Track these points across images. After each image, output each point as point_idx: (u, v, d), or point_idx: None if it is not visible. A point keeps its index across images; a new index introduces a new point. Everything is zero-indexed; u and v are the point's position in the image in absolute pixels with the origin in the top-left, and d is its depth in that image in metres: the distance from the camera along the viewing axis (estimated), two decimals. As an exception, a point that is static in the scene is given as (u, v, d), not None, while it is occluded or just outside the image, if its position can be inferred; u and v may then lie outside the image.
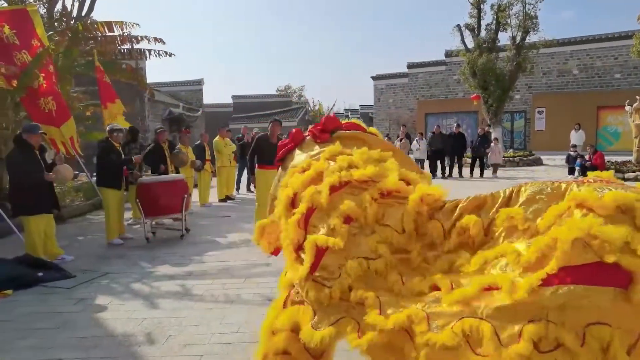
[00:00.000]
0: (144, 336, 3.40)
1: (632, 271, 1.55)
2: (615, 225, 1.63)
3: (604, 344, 1.54)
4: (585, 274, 1.59)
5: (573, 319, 1.57)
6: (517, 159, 18.26)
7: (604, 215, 1.67)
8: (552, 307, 1.59)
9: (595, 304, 1.56)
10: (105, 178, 6.62)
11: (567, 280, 1.60)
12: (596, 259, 1.60)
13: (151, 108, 20.93)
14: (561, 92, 25.79)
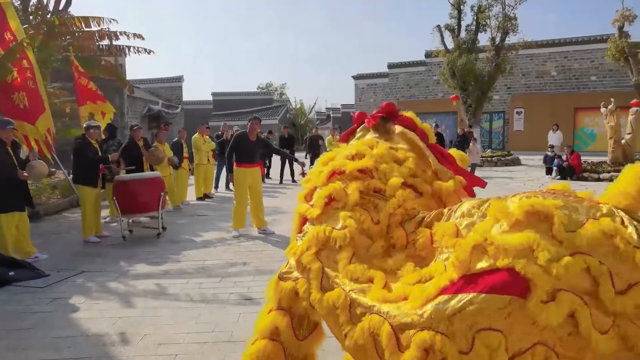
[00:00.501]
0: (118, 335, 3.38)
1: (529, 279, 1.54)
2: (521, 233, 1.62)
3: (492, 350, 1.54)
4: (483, 282, 1.59)
5: (464, 326, 1.57)
6: (495, 159, 18.54)
7: (512, 223, 1.67)
8: (441, 317, 1.60)
9: (488, 311, 1.55)
10: (82, 175, 6.51)
11: (466, 288, 1.60)
12: (494, 265, 1.59)
13: (130, 105, 20.63)
14: (539, 93, 26.31)
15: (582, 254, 1.58)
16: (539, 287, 1.53)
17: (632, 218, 1.63)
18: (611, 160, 13.80)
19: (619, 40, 15.43)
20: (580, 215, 1.66)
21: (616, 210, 1.66)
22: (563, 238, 1.61)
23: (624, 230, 1.59)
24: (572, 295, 1.55)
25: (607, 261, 1.57)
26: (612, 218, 1.63)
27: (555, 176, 13.41)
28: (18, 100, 7.57)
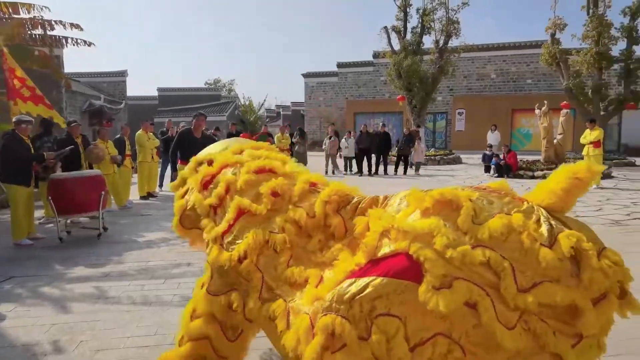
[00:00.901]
0: (50, 344, 3.17)
1: (422, 262, 1.54)
2: (426, 219, 1.64)
3: (390, 336, 1.53)
4: (383, 266, 1.60)
5: (364, 310, 1.56)
6: (438, 157, 19.28)
7: (423, 211, 1.68)
8: (341, 300, 1.59)
9: (385, 295, 1.54)
10: (12, 174, 6.06)
11: (367, 272, 1.61)
12: (395, 250, 1.61)
13: (70, 99, 19.50)
14: (480, 95, 27.57)
15: (484, 247, 1.57)
16: (430, 272, 1.52)
17: (552, 216, 1.63)
18: (544, 159, 14.70)
19: (551, 47, 16.44)
20: (494, 209, 1.65)
21: (537, 208, 1.66)
22: (468, 229, 1.60)
23: (534, 227, 1.58)
24: (471, 285, 1.52)
25: (512, 256, 1.56)
26: (527, 215, 1.62)
27: (493, 174, 14.10)
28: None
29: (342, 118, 29.69)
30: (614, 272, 1.54)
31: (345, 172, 15.63)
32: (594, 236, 1.61)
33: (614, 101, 14.98)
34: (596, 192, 10.63)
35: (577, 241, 1.53)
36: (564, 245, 1.53)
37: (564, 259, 1.52)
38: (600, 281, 1.52)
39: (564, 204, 1.68)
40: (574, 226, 1.62)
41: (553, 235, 1.56)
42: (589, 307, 1.53)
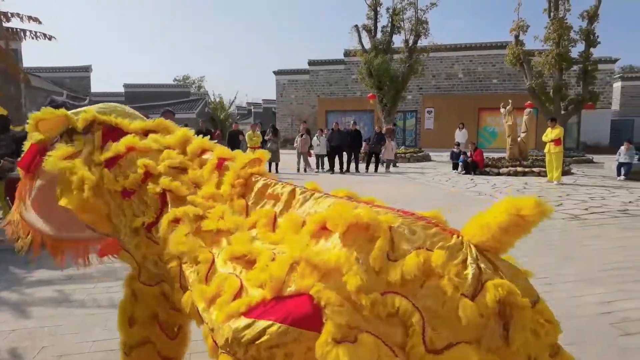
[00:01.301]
0: (9, 351, 3.04)
1: (322, 307, 1.26)
2: (339, 250, 1.35)
3: None
4: (283, 308, 1.33)
5: (262, 357, 1.32)
6: (408, 155, 19.58)
7: (340, 236, 1.38)
8: (238, 343, 1.34)
9: (284, 345, 1.29)
10: (-34, 173, 5.78)
11: (268, 313, 1.34)
12: (299, 290, 1.33)
13: (29, 95, 18.76)
14: (448, 94, 28.13)
15: (395, 293, 1.28)
16: (331, 321, 1.24)
17: (483, 258, 1.34)
18: (509, 156, 15.15)
19: (515, 48, 16.90)
20: (414, 241, 1.35)
21: (467, 245, 1.35)
22: (380, 267, 1.31)
23: (456, 270, 1.28)
24: (379, 342, 1.25)
25: (427, 307, 1.28)
26: (452, 253, 1.32)
27: (461, 171, 14.42)
28: None
29: (313, 116, 29.70)
30: (547, 332, 1.31)
31: (317, 169, 15.66)
32: (528, 286, 1.37)
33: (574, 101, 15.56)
34: (557, 188, 11.04)
35: (508, 294, 1.25)
36: (489, 298, 1.24)
37: (488, 315, 1.24)
38: (531, 345, 1.28)
39: (499, 245, 1.36)
40: (507, 272, 1.34)
41: (479, 282, 1.27)
42: None
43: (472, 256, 1.32)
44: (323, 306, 1.26)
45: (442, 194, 10.10)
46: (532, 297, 1.34)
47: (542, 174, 13.13)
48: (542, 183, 11.98)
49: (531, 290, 1.37)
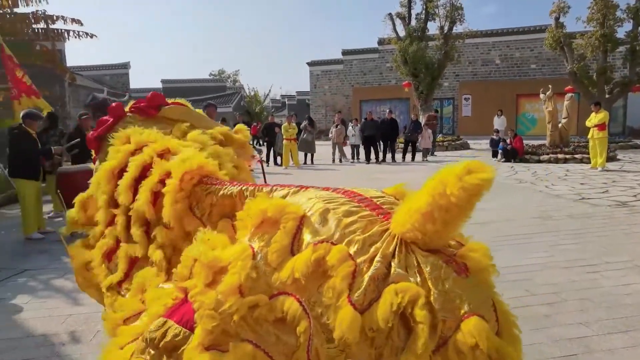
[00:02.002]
0: (68, 334, 3.23)
1: (195, 310, 1.15)
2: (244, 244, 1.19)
3: None
4: (182, 311, 1.27)
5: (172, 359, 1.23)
6: (445, 143, 19.19)
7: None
8: (153, 344, 1.25)
9: (181, 349, 1.20)
10: (20, 168, 6.12)
11: (174, 314, 1.29)
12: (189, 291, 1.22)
13: (72, 93, 19.56)
14: (485, 80, 27.35)
15: (287, 294, 1.09)
16: (200, 326, 1.12)
17: (408, 252, 1.08)
18: (549, 143, 14.61)
19: (556, 31, 16.24)
20: (321, 233, 1.12)
21: (389, 236, 1.10)
22: (279, 263, 1.12)
23: (349, 270, 1.04)
24: (259, 352, 1.08)
25: (317, 313, 1.07)
26: (364, 247, 1.08)
27: (501, 159, 14.04)
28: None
29: (347, 106, 29.57)
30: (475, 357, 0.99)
31: (353, 160, 15.62)
32: (470, 296, 1.04)
33: (619, 84, 14.81)
34: (601, 174, 10.58)
35: (409, 302, 1.00)
36: (381, 307, 1.00)
37: (381, 328, 1.00)
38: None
39: (425, 236, 1.06)
40: (440, 275, 1.04)
41: (376, 288, 1.03)
42: None
43: (385, 252, 1.07)
44: (196, 309, 1.12)
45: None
46: (461, 308, 1.03)
47: (584, 160, 12.62)
48: (585, 170, 11.51)
49: (472, 302, 1.04)
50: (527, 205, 7.23)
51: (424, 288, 1.03)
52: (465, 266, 1.10)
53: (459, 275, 1.06)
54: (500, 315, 1.10)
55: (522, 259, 4.52)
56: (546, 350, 2.76)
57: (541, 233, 5.48)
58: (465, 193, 0.96)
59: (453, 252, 1.14)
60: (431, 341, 1.00)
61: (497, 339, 1.03)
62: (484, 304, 1.06)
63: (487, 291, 1.10)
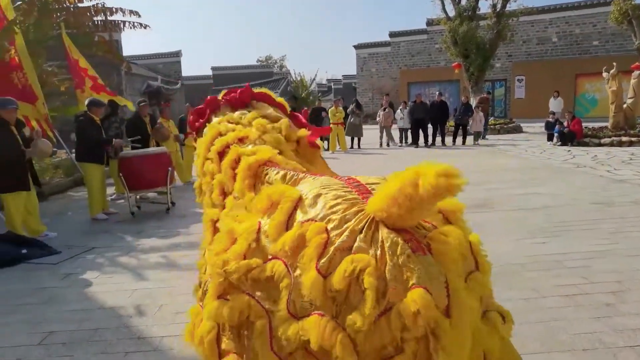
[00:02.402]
0: (134, 307, 3.46)
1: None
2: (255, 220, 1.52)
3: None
4: None
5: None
6: (497, 126, 18.50)
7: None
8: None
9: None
10: (86, 153, 6.52)
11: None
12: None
13: (128, 82, 20.42)
14: (540, 60, 25.99)
15: (276, 259, 1.37)
16: (212, 281, 1.48)
17: (377, 230, 1.24)
18: (612, 125, 13.73)
19: (623, 3, 15.12)
20: (309, 213, 1.36)
21: (362, 216, 1.28)
22: (276, 236, 1.39)
23: (320, 242, 1.26)
24: (252, 302, 1.40)
25: (296, 275, 1.31)
26: (340, 224, 1.28)
27: (557, 142, 13.39)
28: (17, 80, 7.50)
29: (395, 89, 29.08)
30: (401, 328, 1.15)
31: (401, 143, 15.42)
32: (418, 269, 1.16)
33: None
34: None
35: (360, 271, 1.17)
36: (337, 273, 1.20)
37: (339, 290, 1.20)
38: (384, 332, 1.17)
39: (389, 216, 1.22)
40: (398, 252, 1.19)
41: (341, 258, 1.22)
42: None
43: (354, 228, 1.25)
44: (210, 268, 1.48)
45: (535, 166, 9.49)
46: (409, 279, 1.16)
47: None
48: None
49: (422, 277, 1.16)
50: (586, 190, 6.89)
51: (381, 260, 1.19)
52: (428, 246, 1.23)
53: (414, 253, 1.19)
54: (453, 295, 1.19)
55: (581, 245, 4.34)
56: (607, 339, 2.66)
57: (602, 220, 5.22)
58: (433, 190, 1.11)
59: (424, 233, 1.28)
60: (378, 305, 1.16)
61: (438, 313, 1.15)
62: (434, 281, 1.17)
63: (443, 271, 1.20)
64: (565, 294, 3.30)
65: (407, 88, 28.62)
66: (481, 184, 7.72)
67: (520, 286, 3.47)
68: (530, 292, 3.36)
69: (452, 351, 1.16)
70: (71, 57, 9.07)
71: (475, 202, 6.36)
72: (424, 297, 1.13)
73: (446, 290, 1.19)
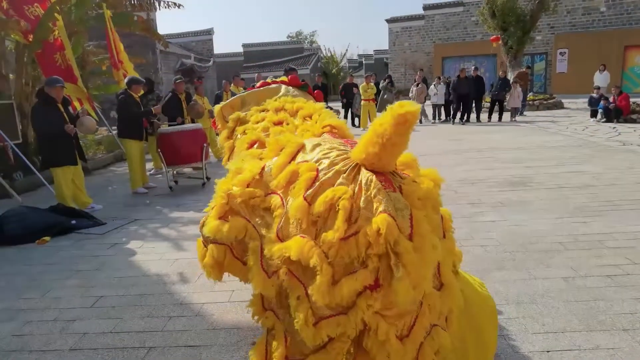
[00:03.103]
0: (176, 275, 3.63)
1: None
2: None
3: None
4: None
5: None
6: (536, 102, 17.81)
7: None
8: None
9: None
10: (127, 129, 6.74)
11: None
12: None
13: (163, 60, 20.77)
14: (586, 31, 24.66)
15: (274, 193, 1.71)
16: (215, 204, 1.84)
17: (358, 172, 1.57)
18: (663, 100, 13.01)
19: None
20: (305, 157, 1.71)
21: (346, 158, 1.62)
22: (276, 173, 1.75)
23: (309, 177, 1.57)
24: (249, 225, 1.74)
25: (287, 203, 1.65)
26: (330, 166, 1.60)
27: (601, 119, 12.82)
28: (60, 61, 7.73)
29: (428, 64, 28.36)
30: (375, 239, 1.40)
31: (434, 120, 15.13)
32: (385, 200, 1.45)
33: None
34: None
35: (339, 197, 1.47)
36: (320, 199, 1.49)
37: (318, 213, 1.49)
38: (348, 250, 1.44)
39: (365, 158, 1.55)
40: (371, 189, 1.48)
41: (324, 188, 1.54)
42: (325, 274, 1.44)
43: (340, 169, 1.58)
44: (215, 191, 1.85)
45: (576, 144, 9.14)
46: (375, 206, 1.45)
47: None
48: None
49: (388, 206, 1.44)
50: (632, 169, 6.61)
51: (358, 194, 1.50)
52: (400, 187, 1.54)
53: (385, 189, 1.48)
54: (416, 225, 1.46)
55: (625, 226, 4.20)
56: (650, 320, 2.61)
57: (648, 199, 5.02)
58: (393, 120, 1.42)
59: (400, 180, 1.58)
60: (349, 226, 1.45)
61: (398, 233, 1.41)
62: (399, 212, 1.45)
63: (408, 205, 1.49)
64: (606, 274, 3.22)
65: (441, 63, 27.85)
66: (519, 161, 7.53)
67: (560, 265, 3.41)
68: (570, 271, 3.30)
69: (411, 269, 1.37)
70: (110, 36, 9.28)
71: (513, 180, 6.22)
72: (387, 220, 1.38)
73: (410, 221, 1.45)
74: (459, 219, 4.67)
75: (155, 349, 2.59)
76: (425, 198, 1.56)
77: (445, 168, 7.34)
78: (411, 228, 1.43)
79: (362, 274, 1.43)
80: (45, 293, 3.42)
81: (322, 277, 1.42)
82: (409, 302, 1.40)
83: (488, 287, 3.10)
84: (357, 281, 1.42)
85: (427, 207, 1.56)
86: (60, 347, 2.65)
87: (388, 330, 1.44)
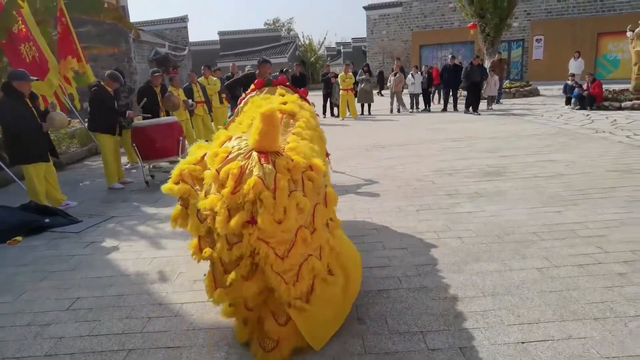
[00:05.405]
0: (155, 274, 3.58)
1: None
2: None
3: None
4: None
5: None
6: (513, 90, 18.05)
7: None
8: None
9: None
10: (100, 123, 6.56)
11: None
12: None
13: (137, 49, 20.22)
14: (561, 18, 24.99)
15: (208, 169, 2.47)
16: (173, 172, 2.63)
17: (259, 156, 2.31)
18: (634, 87, 13.30)
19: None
20: (232, 143, 2.51)
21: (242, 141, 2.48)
22: (212, 159, 2.49)
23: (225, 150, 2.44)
24: (191, 190, 2.50)
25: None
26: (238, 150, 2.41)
27: (575, 106, 13.09)
28: (25, 53, 7.41)
29: (406, 52, 28.37)
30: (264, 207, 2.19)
31: (412, 109, 15.21)
32: (257, 168, 2.25)
33: None
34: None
35: (234, 167, 2.28)
36: (223, 170, 2.32)
37: (219, 179, 2.31)
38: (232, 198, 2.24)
39: (257, 144, 2.33)
40: (253, 163, 2.30)
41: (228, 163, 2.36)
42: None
43: (240, 152, 2.38)
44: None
45: (551, 132, 9.33)
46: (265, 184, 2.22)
47: (675, 106, 11.45)
48: (675, 117, 10.48)
49: (259, 172, 2.24)
50: (604, 157, 6.78)
51: (250, 166, 2.29)
52: (274, 162, 2.29)
53: (260, 162, 2.28)
54: (277, 183, 2.22)
55: (596, 214, 4.32)
56: (618, 309, 2.70)
57: (620, 188, 5.16)
58: (261, 117, 2.29)
59: (278, 156, 2.35)
60: (237, 185, 2.25)
61: (263, 188, 2.19)
62: (267, 175, 2.23)
63: (275, 172, 2.25)
64: (578, 263, 3.32)
65: (418, 51, 27.90)
66: (494, 151, 7.65)
67: (535, 255, 3.49)
68: (545, 261, 3.38)
69: (269, 207, 2.16)
70: (69, 25, 8.70)
71: (488, 170, 6.32)
72: (256, 180, 2.19)
73: (274, 182, 2.22)
74: (437, 210, 4.73)
75: (134, 351, 2.56)
76: (294, 168, 2.32)
77: (423, 158, 7.41)
78: (274, 185, 2.20)
79: (242, 213, 2.20)
80: (18, 296, 3.34)
81: (219, 216, 2.22)
82: (276, 231, 2.18)
83: (465, 279, 3.17)
84: (239, 217, 2.19)
85: (297, 173, 2.33)
86: (34, 354, 2.60)
87: (267, 250, 2.20)
